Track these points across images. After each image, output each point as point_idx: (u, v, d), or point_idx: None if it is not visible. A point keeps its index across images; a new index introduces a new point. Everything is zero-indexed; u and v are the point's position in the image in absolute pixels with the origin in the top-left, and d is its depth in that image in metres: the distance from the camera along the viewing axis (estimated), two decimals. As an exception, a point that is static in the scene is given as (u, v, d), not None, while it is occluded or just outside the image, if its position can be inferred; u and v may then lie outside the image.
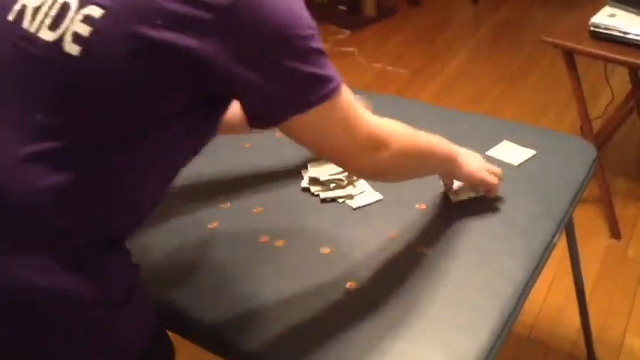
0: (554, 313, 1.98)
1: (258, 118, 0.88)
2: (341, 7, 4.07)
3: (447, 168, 1.19)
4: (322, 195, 1.30)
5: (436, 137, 1.12)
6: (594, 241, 2.25)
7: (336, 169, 1.33)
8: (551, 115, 2.93)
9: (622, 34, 1.92)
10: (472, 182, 1.24)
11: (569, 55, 2.07)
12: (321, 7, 4.05)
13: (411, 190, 1.31)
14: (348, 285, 1.11)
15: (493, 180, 1.23)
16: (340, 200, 1.30)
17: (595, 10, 2.02)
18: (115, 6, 0.77)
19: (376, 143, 0.95)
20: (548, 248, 1.19)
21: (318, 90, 0.86)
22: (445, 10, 4.13)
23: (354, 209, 1.28)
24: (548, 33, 2.07)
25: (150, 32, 0.76)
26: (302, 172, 1.37)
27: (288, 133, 0.90)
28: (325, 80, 0.86)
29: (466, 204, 1.27)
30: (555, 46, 2.05)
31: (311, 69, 0.84)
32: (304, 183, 1.34)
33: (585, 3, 2.16)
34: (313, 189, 1.32)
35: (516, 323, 1.96)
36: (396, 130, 1.01)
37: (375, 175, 1.05)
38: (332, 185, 1.31)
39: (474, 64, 3.48)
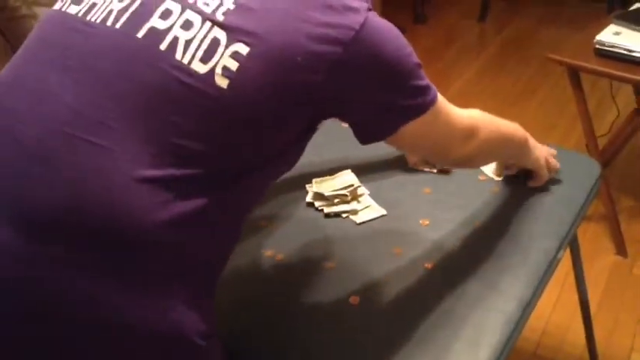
0: (560, 331, 1.97)
1: (371, 135, 0.97)
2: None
3: (521, 152, 1.27)
4: (326, 210, 1.31)
5: (513, 124, 1.21)
6: (600, 259, 2.24)
7: (340, 184, 1.34)
8: (558, 133, 2.93)
9: (627, 52, 1.93)
10: (536, 166, 1.32)
11: (575, 73, 2.07)
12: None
13: (414, 205, 1.31)
14: (352, 300, 1.11)
15: (555, 164, 1.35)
16: (344, 215, 1.30)
17: (600, 29, 2.03)
18: (260, 44, 0.82)
19: (469, 132, 1.05)
20: (551, 265, 1.19)
21: (425, 99, 0.94)
22: (451, 29, 4.15)
23: (358, 224, 1.28)
24: (554, 51, 2.08)
25: (289, 71, 0.83)
26: (307, 187, 1.38)
27: (395, 141, 0.98)
28: (428, 89, 0.95)
29: (468, 220, 1.28)
30: (561, 63, 2.06)
31: (417, 82, 0.93)
32: (309, 198, 1.35)
33: (591, 22, 2.18)
34: (317, 204, 1.33)
35: (522, 340, 1.94)
36: (482, 119, 1.10)
37: (467, 162, 1.14)
38: (336, 200, 1.32)
39: (480, 82, 3.50)
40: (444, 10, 4.36)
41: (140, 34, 0.84)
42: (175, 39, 0.83)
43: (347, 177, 1.37)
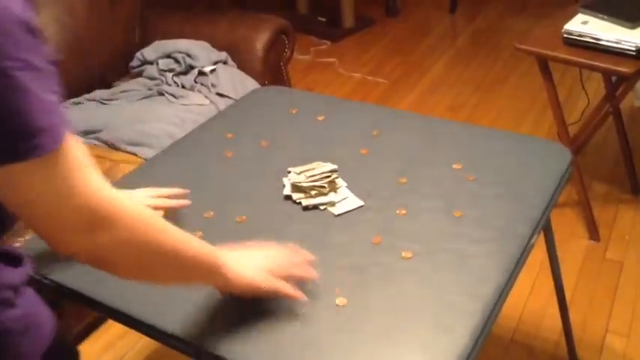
0: (537, 316, 2.01)
1: None
2: (320, 18, 4.11)
3: (209, 278, 0.99)
4: (304, 202, 1.32)
5: (195, 239, 0.93)
6: (574, 244, 2.28)
7: (319, 172, 1.35)
8: (529, 121, 2.97)
9: (594, 41, 1.97)
10: (255, 293, 1.04)
11: (544, 62, 2.11)
12: (301, 18, 4.09)
13: (390, 195, 1.33)
14: (331, 290, 1.12)
15: (282, 286, 1.05)
16: (322, 207, 1.32)
17: (568, 18, 2.07)
18: None
19: (98, 218, 0.77)
20: (525, 250, 1.21)
21: (18, 143, 0.69)
22: (423, 21, 4.18)
23: (336, 216, 1.30)
24: (523, 41, 2.11)
25: None
26: (284, 179, 1.39)
27: None
28: (33, 131, 0.69)
29: (443, 208, 1.30)
30: (530, 53, 2.09)
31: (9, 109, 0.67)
32: (286, 191, 1.36)
33: (559, 11, 2.21)
34: (295, 196, 1.34)
35: (500, 326, 1.98)
36: (132, 212, 0.81)
37: (93, 261, 0.82)
38: (314, 192, 1.33)
39: (452, 72, 3.53)
40: (415, 3, 4.40)
41: None
42: None
43: (325, 165, 1.39)
